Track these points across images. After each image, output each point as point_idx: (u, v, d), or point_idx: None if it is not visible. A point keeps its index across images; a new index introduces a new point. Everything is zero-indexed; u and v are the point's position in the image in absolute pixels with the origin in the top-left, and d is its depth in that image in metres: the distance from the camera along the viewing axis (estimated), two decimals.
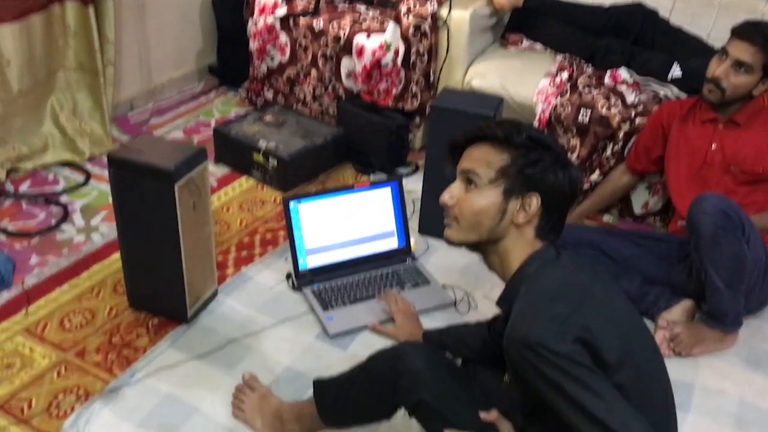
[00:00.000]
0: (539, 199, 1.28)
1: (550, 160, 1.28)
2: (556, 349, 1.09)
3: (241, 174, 2.77)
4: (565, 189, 1.30)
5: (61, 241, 2.33)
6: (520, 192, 1.28)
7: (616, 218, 2.65)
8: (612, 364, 1.14)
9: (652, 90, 2.60)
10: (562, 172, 1.29)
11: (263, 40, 3.10)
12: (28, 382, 1.79)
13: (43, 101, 2.71)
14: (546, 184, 1.28)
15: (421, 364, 1.31)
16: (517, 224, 1.29)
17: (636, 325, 1.27)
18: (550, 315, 1.14)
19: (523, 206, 1.28)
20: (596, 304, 1.20)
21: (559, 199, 1.30)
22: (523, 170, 1.28)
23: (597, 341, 1.13)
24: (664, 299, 2.09)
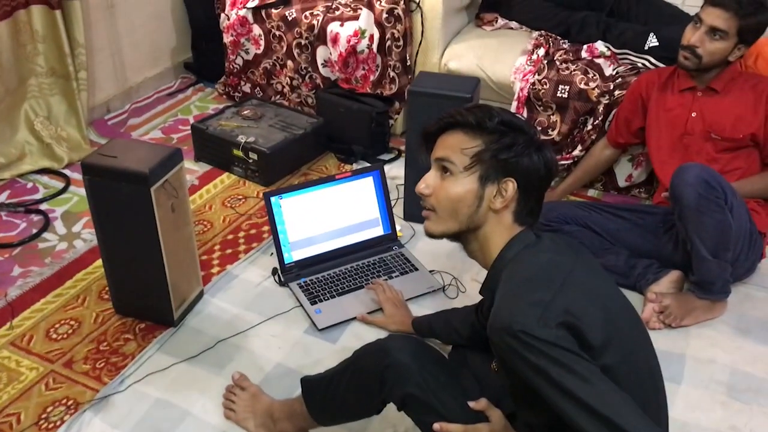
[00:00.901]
0: (515, 184, 1.27)
1: (523, 144, 1.27)
2: (540, 335, 1.08)
3: (222, 170, 2.75)
4: (541, 171, 1.29)
5: (43, 250, 2.31)
6: (496, 177, 1.27)
7: (600, 192, 2.64)
8: (597, 345, 1.13)
9: (630, 62, 2.58)
10: (537, 155, 1.28)
11: (236, 33, 3.06)
12: (16, 396, 1.77)
13: (16, 109, 2.67)
14: (521, 167, 1.27)
15: (406, 357, 1.30)
16: (495, 210, 1.28)
17: (620, 304, 1.26)
18: (531, 301, 1.13)
19: (500, 191, 1.27)
20: (578, 286, 1.19)
21: (536, 182, 1.29)
22: (498, 155, 1.26)
23: (581, 324, 1.12)
24: (652, 272, 2.09)
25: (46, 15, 2.58)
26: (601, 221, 2.21)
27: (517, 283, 1.19)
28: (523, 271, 1.21)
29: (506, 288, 1.19)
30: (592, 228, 2.20)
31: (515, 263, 1.24)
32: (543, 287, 1.15)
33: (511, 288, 1.19)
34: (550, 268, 1.21)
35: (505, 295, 1.18)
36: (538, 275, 1.19)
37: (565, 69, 2.54)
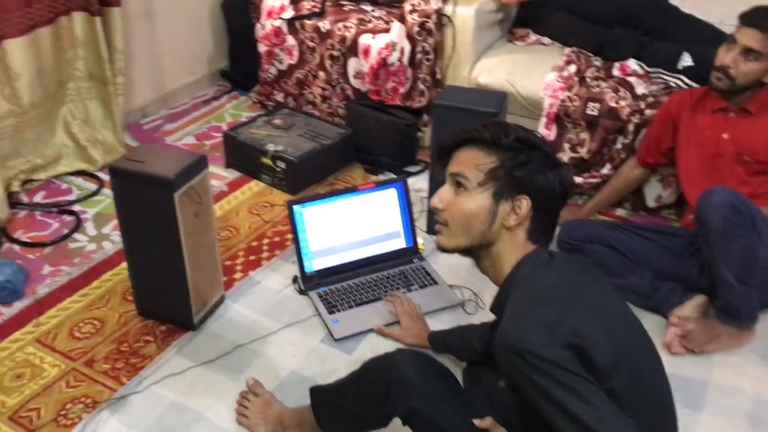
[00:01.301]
0: (529, 202, 1.26)
1: (539, 161, 1.26)
2: (545, 356, 1.07)
3: (251, 178, 2.78)
4: (556, 189, 1.28)
5: (73, 250, 2.37)
6: (510, 194, 1.26)
7: (629, 212, 2.61)
8: (604, 367, 1.11)
9: (663, 81, 2.55)
10: (552, 173, 1.27)
11: (271, 43, 3.11)
12: (38, 391, 1.81)
13: (55, 112, 2.75)
14: (536, 185, 1.26)
15: (412, 372, 1.30)
16: (508, 227, 1.27)
17: (631, 326, 1.25)
18: (538, 320, 1.12)
19: (514, 209, 1.26)
20: (588, 307, 1.17)
21: (550, 200, 1.28)
22: (512, 172, 1.26)
23: (588, 345, 1.10)
24: (676, 295, 2.05)
25: (87, 21, 2.65)
26: (626, 241, 2.18)
27: (525, 301, 1.18)
28: (532, 290, 1.20)
29: (514, 306, 1.19)
30: (617, 248, 2.17)
31: (526, 282, 1.24)
32: (551, 307, 1.14)
33: (519, 306, 1.18)
34: (560, 289, 1.20)
35: (513, 313, 1.17)
36: (547, 295, 1.18)
37: (596, 86, 2.51)
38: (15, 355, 1.92)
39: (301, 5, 3.06)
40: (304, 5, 3.05)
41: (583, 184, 2.59)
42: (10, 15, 2.39)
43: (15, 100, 2.52)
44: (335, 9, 3.02)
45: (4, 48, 2.41)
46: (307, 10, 3.03)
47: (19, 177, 2.63)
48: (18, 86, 2.50)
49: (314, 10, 3.02)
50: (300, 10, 3.04)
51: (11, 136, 2.57)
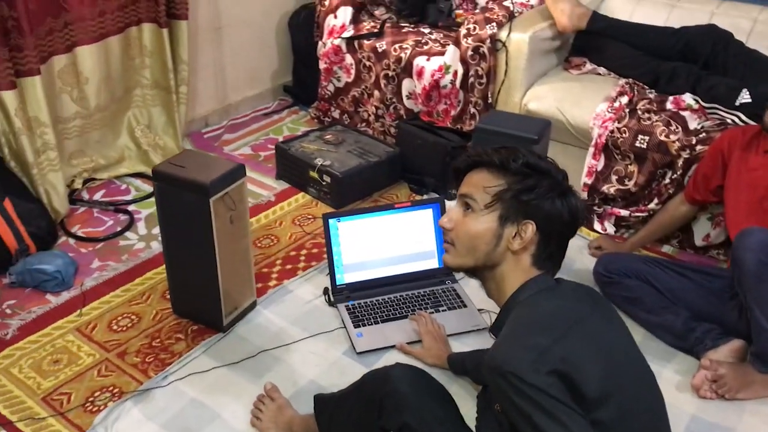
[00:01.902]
0: (535, 227, 1.26)
1: (547, 187, 1.26)
2: (528, 380, 1.07)
3: (299, 190, 2.86)
4: (564, 217, 1.27)
5: (122, 247, 2.49)
6: (516, 218, 1.27)
7: (676, 250, 2.53)
8: (592, 398, 1.10)
9: (719, 117, 2.47)
10: (561, 200, 1.27)
11: (330, 60, 3.19)
12: (72, 377, 1.91)
13: (120, 116, 2.90)
14: (542, 211, 1.26)
15: (406, 387, 1.31)
16: (513, 251, 1.27)
17: (631, 362, 1.22)
18: (528, 345, 1.12)
19: (519, 233, 1.27)
20: (584, 337, 1.16)
21: (557, 227, 1.28)
22: (518, 196, 1.26)
23: (576, 374, 1.09)
24: (711, 337, 1.98)
25: (155, 32, 2.80)
26: (664, 278, 2.12)
27: (519, 325, 1.18)
28: (529, 315, 1.20)
29: (508, 329, 1.19)
30: (654, 284, 2.12)
31: (525, 306, 1.23)
32: (543, 333, 1.14)
33: (512, 329, 1.18)
34: (557, 315, 1.19)
35: (505, 335, 1.17)
36: (542, 320, 1.18)
37: (647, 119, 2.47)
38: (56, 342, 2.04)
39: (361, 25, 3.14)
40: (365, 25, 3.13)
41: (629, 217, 2.54)
42: (85, 23, 2.56)
43: (83, 102, 2.68)
44: (394, 30, 3.08)
45: (76, 54, 2.58)
46: (367, 30, 3.10)
47: (83, 175, 2.78)
48: (86, 90, 2.67)
49: (373, 30, 3.08)
50: (360, 30, 3.11)
51: (77, 137, 2.74)
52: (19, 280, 2.23)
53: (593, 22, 2.76)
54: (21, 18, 2.23)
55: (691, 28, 2.69)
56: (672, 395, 1.91)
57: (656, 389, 1.25)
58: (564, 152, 2.68)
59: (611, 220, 2.59)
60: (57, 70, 2.55)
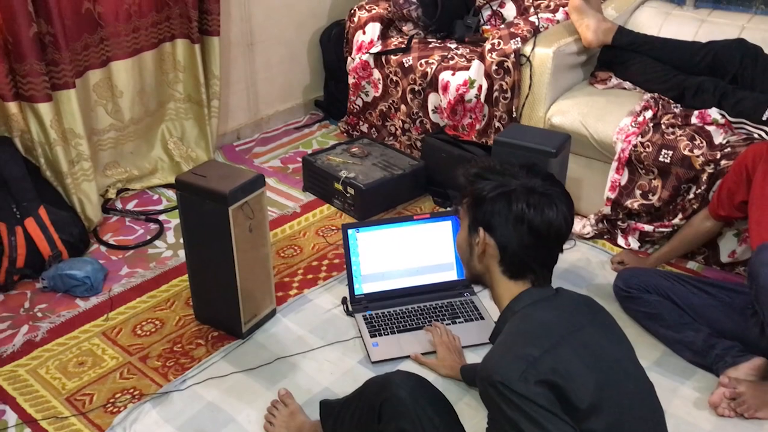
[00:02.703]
0: (483, 233, 1.27)
1: (489, 190, 1.26)
2: (517, 389, 1.08)
3: (324, 202, 2.90)
4: (509, 218, 1.23)
5: (151, 255, 2.56)
6: (474, 227, 1.29)
7: (701, 266, 2.49)
8: (582, 409, 1.10)
9: (746, 131, 2.44)
10: (504, 201, 1.24)
11: (359, 75, 3.25)
12: (95, 378, 1.98)
13: (154, 129, 3.00)
14: (485, 214, 1.26)
15: (404, 393, 1.33)
16: (480, 258, 1.30)
17: (628, 373, 1.21)
18: (518, 354, 1.12)
19: (478, 240, 1.28)
20: (578, 347, 1.16)
21: (508, 232, 1.24)
22: (471, 203, 1.30)
23: (567, 384, 1.10)
24: (732, 354, 1.94)
25: (188, 48, 2.89)
26: (685, 294, 2.09)
27: (511, 335, 1.20)
28: (521, 325, 1.21)
29: (502, 339, 1.21)
30: (674, 300, 2.09)
31: (519, 317, 1.24)
32: (534, 343, 1.15)
33: (504, 340, 1.20)
34: (550, 326, 1.19)
35: (497, 346, 1.19)
36: (534, 331, 1.19)
37: (671, 134, 2.45)
38: (82, 345, 2.11)
39: (389, 41, 3.19)
40: (392, 41, 3.18)
41: (653, 232, 2.51)
42: (119, 39, 2.66)
43: (117, 115, 2.78)
44: (421, 45, 3.12)
45: (111, 68, 2.68)
46: (395, 46, 3.14)
47: (117, 185, 2.88)
48: (121, 103, 2.77)
49: (401, 45, 3.13)
50: (388, 46, 3.16)
51: (112, 148, 2.84)
52: (51, 284, 2.32)
53: (619, 37, 2.75)
54: (57, 33, 2.34)
55: (719, 42, 2.66)
56: (690, 412, 1.88)
57: (654, 401, 1.24)
58: (588, 166, 2.67)
59: (635, 235, 2.57)
60: (92, 84, 2.66)
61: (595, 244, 2.62)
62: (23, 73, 2.32)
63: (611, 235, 2.63)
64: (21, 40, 2.27)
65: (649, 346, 2.09)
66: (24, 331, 2.16)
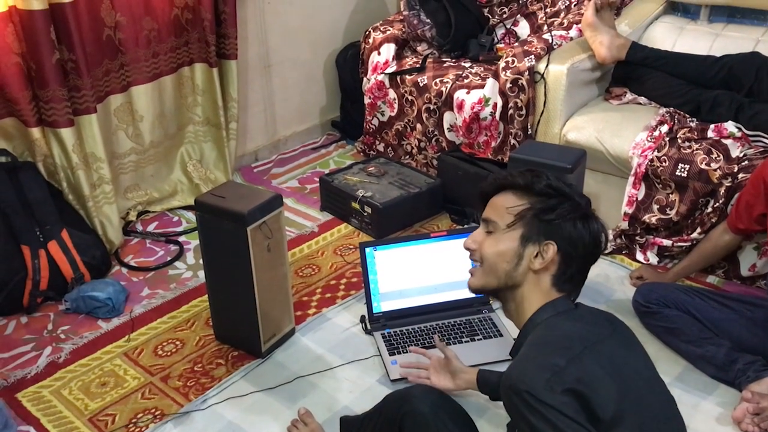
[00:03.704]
0: (556, 247, 1.28)
1: (568, 209, 1.29)
2: (543, 399, 1.08)
3: (342, 221, 2.92)
4: (585, 240, 1.29)
5: (171, 276, 2.59)
6: (537, 238, 1.29)
7: (721, 280, 2.48)
8: (606, 419, 1.10)
9: (763, 144, 2.43)
10: (582, 223, 1.29)
11: (374, 95, 3.28)
12: (117, 399, 2.00)
13: (173, 152, 3.05)
14: (563, 232, 1.28)
15: (425, 407, 1.33)
16: (534, 271, 1.29)
17: (649, 386, 1.21)
18: (544, 364, 1.13)
19: (540, 253, 1.28)
20: (601, 359, 1.16)
21: (579, 250, 1.29)
22: (540, 216, 1.29)
23: (592, 395, 1.10)
24: (754, 369, 1.92)
25: (206, 72, 2.94)
26: (705, 308, 2.08)
27: (535, 345, 1.20)
28: (545, 336, 1.22)
29: (526, 349, 1.21)
30: (694, 314, 2.08)
31: (542, 328, 1.25)
32: (559, 353, 1.15)
33: (528, 350, 1.20)
34: (574, 337, 1.20)
35: (522, 355, 1.19)
36: (559, 341, 1.19)
37: (687, 147, 2.44)
38: (104, 365, 2.13)
39: (404, 61, 3.22)
40: (407, 61, 3.21)
41: (671, 247, 2.50)
42: (139, 64, 2.72)
43: (138, 139, 2.83)
44: (435, 65, 3.14)
45: (131, 93, 2.74)
46: (409, 66, 3.18)
47: (137, 208, 2.92)
48: (141, 127, 2.82)
49: (415, 65, 3.16)
50: (403, 66, 3.19)
51: (133, 171, 2.89)
52: (74, 306, 2.36)
53: (633, 53, 2.76)
54: (79, 60, 2.40)
55: (734, 56, 2.66)
56: (712, 428, 1.86)
57: (676, 414, 1.24)
58: (604, 182, 2.67)
59: (654, 250, 2.56)
60: (113, 109, 2.71)
61: (614, 259, 2.61)
62: (46, 99, 2.38)
63: (630, 250, 2.62)
64: (44, 66, 2.33)
65: (670, 362, 2.08)
66: (47, 352, 2.20)
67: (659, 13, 3.10)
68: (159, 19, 2.74)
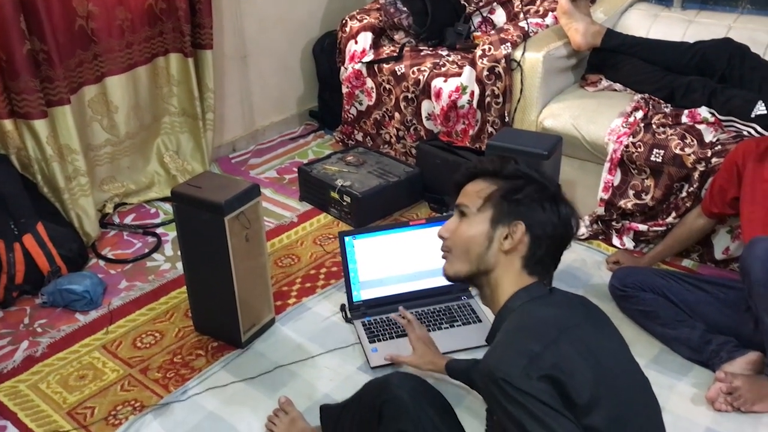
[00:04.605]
0: (524, 227, 1.29)
1: (535, 191, 1.29)
2: (520, 386, 1.09)
3: (321, 211, 2.92)
4: (553, 221, 1.29)
5: (149, 268, 2.58)
6: (506, 220, 1.30)
7: (696, 263, 2.51)
8: (582, 404, 1.11)
9: (735, 129, 2.46)
10: (550, 205, 1.29)
11: (352, 85, 3.27)
12: (96, 392, 1.99)
13: (149, 143, 3.02)
14: (531, 213, 1.29)
15: (404, 394, 1.33)
16: (504, 251, 1.30)
17: (624, 369, 1.23)
18: (520, 351, 1.13)
19: (510, 234, 1.29)
20: (576, 343, 1.17)
21: (548, 232, 1.29)
22: (507, 197, 1.30)
23: (567, 380, 1.11)
24: (727, 350, 1.96)
25: (181, 62, 2.92)
26: (680, 291, 2.11)
27: (511, 332, 1.20)
28: (520, 322, 1.22)
29: (501, 336, 1.21)
30: (669, 298, 2.11)
31: (518, 314, 1.25)
32: (535, 339, 1.16)
33: (504, 337, 1.20)
34: (550, 323, 1.21)
35: (498, 342, 1.20)
36: (534, 327, 1.20)
37: (662, 133, 2.47)
38: (82, 358, 2.12)
39: (381, 50, 3.21)
40: (384, 50, 3.20)
41: (647, 232, 2.53)
42: (113, 55, 2.69)
43: (113, 130, 2.80)
44: (413, 53, 3.14)
45: (106, 84, 2.71)
46: (387, 54, 3.17)
47: (114, 200, 2.90)
48: (116, 118, 2.79)
49: (393, 54, 3.16)
50: (380, 55, 3.19)
51: (108, 163, 2.86)
52: (50, 300, 2.34)
53: (608, 40, 2.78)
54: (51, 50, 2.37)
55: (707, 42, 2.69)
56: (687, 408, 1.89)
57: (650, 396, 1.25)
58: (581, 168, 2.69)
59: (630, 235, 2.59)
60: (87, 100, 2.68)
61: (590, 245, 2.63)
62: (18, 91, 2.34)
63: (606, 235, 2.65)
64: (14, 57, 2.29)
65: (646, 344, 2.10)
66: (24, 346, 2.18)
67: (634, 0, 3.12)
68: (132, 8, 2.70)
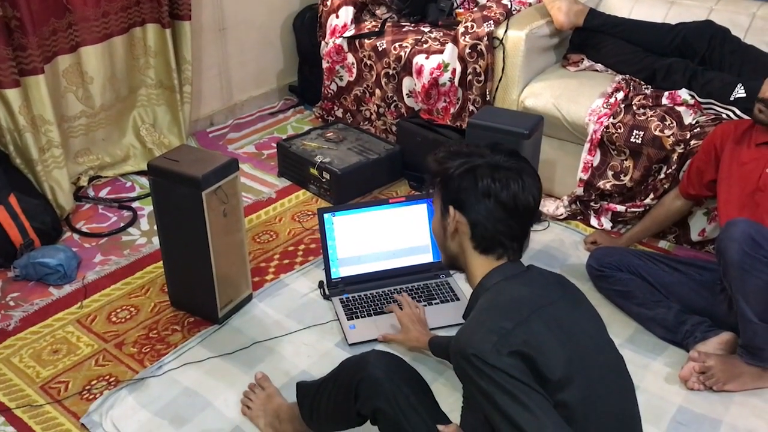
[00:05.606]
0: (454, 209, 1.28)
1: (456, 167, 1.28)
2: (490, 361, 1.10)
3: (300, 187, 2.90)
4: (477, 193, 1.25)
5: (125, 242, 2.54)
6: (445, 205, 1.31)
7: (672, 245, 2.54)
8: (554, 380, 1.12)
9: (714, 112, 2.47)
10: (471, 177, 1.26)
11: (332, 60, 3.24)
12: (70, 366, 1.97)
13: (125, 115, 2.97)
14: (453, 190, 1.28)
15: (380, 373, 1.34)
16: (452, 237, 1.32)
17: (598, 347, 1.24)
18: (491, 327, 1.14)
19: (450, 220, 1.30)
20: (548, 321, 1.17)
21: (480, 208, 1.25)
22: (440, 183, 1.31)
23: (539, 356, 1.12)
24: (701, 330, 1.98)
25: (159, 33, 2.86)
26: (656, 272, 2.13)
27: (484, 310, 1.21)
28: (493, 300, 1.23)
29: (473, 314, 1.22)
30: (646, 278, 2.13)
31: (492, 292, 1.26)
32: (507, 316, 1.16)
33: (478, 314, 1.21)
34: (522, 301, 1.21)
35: (471, 320, 1.20)
36: (506, 305, 1.20)
37: (642, 114, 2.48)
38: (56, 333, 2.09)
39: (363, 25, 3.18)
40: (366, 25, 3.17)
41: (625, 212, 2.54)
42: (89, 24, 2.62)
43: (88, 101, 2.75)
44: (394, 29, 3.11)
45: (81, 54, 2.65)
46: (368, 30, 3.13)
47: (89, 173, 2.85)
48: (91, 89, 2.73)
49: (374, 29, 3.12)
50: (361, 30, 3.15)
51: (83, 135, 2.80)
52: (23, 273, 2.30)
53: (590, 19, 2.77)
54: (24, 18, 2.30)
55: (688, 24, 2.70)
56: (660, 387, 1.92)
57: (624, 373, 1.26)
58: (561, 148, 2.70)
59: (608, 215, 2.60)
60: (62, 70, 2.62)
61: (569, 225, 2.65)
62: None
63: (584, 215, 2.66)
64: None
65: (622, 324, 2.13)
66: None
67: None
68: None
